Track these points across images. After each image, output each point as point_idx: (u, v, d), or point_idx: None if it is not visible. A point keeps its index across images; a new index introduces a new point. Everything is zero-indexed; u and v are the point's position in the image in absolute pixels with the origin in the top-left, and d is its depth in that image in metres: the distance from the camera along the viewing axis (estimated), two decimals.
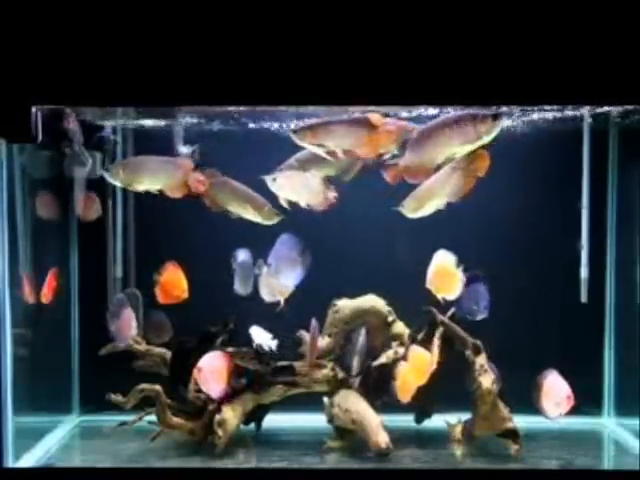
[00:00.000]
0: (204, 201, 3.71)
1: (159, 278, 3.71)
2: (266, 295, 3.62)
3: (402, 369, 3.52)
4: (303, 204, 3.55)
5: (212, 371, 3.50)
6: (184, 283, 3.72)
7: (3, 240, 3.23)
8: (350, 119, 3.44)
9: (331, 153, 3.43)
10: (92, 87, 2.97)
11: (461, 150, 3.27)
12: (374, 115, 3.39)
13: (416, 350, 3.57)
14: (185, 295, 3.72)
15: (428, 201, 3.58)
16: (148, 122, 3.84)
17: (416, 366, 3.52)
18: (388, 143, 3.43)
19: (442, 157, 3.29)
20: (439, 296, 3.58)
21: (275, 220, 3.67)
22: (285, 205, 3.59)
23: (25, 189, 3.48)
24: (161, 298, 3.72)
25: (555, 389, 3.40)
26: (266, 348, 3.60)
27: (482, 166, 3.52)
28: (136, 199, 4.01)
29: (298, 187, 3.55)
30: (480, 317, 3.58)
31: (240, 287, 3.71)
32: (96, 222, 3.93)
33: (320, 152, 3.43)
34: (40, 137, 3.07)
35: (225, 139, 3.86)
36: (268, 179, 3.55)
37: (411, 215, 3.61)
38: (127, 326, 3.64)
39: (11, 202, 3.32)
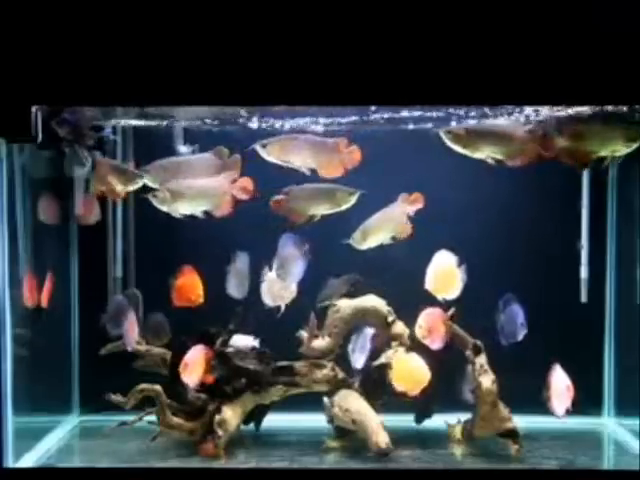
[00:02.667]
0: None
1: (175, 281, 3.69)
2: (269, 300, 3.62)
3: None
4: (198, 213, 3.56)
5: (194, 363, 3.50)
6: (200, 287, 3.71)
7: (3, 241, 3.23)
8: (318, 139, 3.48)
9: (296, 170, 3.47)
10: (92, 87, 2.97)
11: (622, 149, 3.10)
12: (342, 139, 3.47)
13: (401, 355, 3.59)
14: (201, 300, 3.70)
15: (373, 235, 3.62)
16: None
17: (404, 372, 3.53)
18: (352, 166, 3.48)
19: (604, 150, 3.12)
20: (439, 297, 3.58)
21: (353, 199, 3.58)
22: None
23: (25, 189, 3.48)
24: (176, 301, 3.70)
25: (557, 384, 3.38)
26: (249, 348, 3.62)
27: (417, 204, 3.63)
28: (136, 200, 4.01)
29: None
30: (521, 336, 3.53)
31: (234, 291, 3.71)
32: (96, 224, 3.93)
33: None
34: (40, 137, 3.07)
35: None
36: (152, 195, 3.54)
37: (359, 246, 3.63)
38: (132, 329, 3.64)
39: (11, 203, 3.32)
